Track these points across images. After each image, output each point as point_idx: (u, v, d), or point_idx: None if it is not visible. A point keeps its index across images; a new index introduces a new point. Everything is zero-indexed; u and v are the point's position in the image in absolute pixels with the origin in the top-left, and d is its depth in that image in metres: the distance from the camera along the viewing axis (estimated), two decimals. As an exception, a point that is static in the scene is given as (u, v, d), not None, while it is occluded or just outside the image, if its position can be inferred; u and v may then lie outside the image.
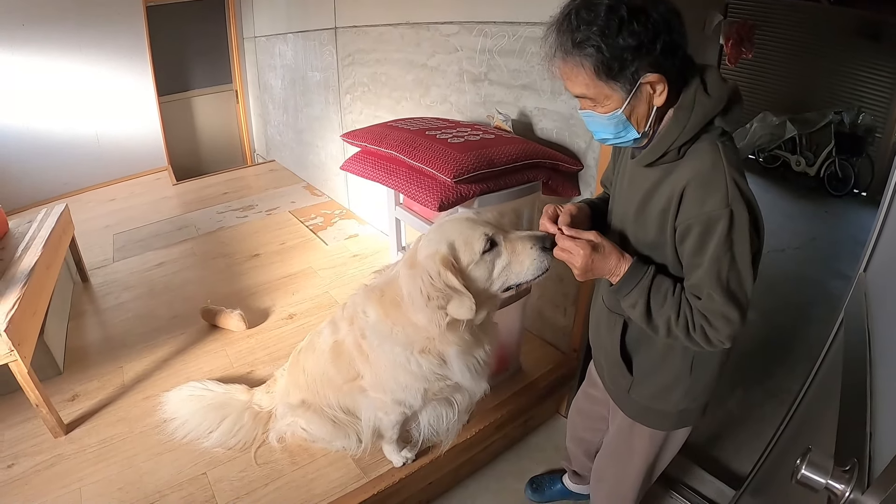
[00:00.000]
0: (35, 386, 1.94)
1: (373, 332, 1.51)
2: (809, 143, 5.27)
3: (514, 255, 1.31)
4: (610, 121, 1.08)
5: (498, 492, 2.08)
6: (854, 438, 0.88)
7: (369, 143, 1.96)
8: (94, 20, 4.78)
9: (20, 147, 4.69)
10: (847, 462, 0.81)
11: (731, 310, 1.04)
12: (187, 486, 1.83)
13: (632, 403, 1.39)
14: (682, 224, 1.06)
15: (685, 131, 1.04)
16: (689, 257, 1.08)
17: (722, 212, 1.00)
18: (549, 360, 2.35)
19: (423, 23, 2.65)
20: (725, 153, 1.04)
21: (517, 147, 1.82)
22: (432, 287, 1.30)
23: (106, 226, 4.13)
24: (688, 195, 1.04)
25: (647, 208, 1.14)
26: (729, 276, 1.04)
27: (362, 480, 1.82)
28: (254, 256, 3.46)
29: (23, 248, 2.48)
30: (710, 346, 1.10)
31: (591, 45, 0.98)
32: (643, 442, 1.45)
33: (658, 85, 1.02)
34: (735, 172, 1.03)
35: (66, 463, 1.95)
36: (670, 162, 1.09)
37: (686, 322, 1.09)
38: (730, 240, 1.02)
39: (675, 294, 1.11)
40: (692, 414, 1.35)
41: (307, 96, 4.31)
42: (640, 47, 0.97)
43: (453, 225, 1.36)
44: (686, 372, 1.27)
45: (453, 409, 1.72)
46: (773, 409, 2.39)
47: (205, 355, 2.50)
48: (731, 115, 1.06)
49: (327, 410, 1.81)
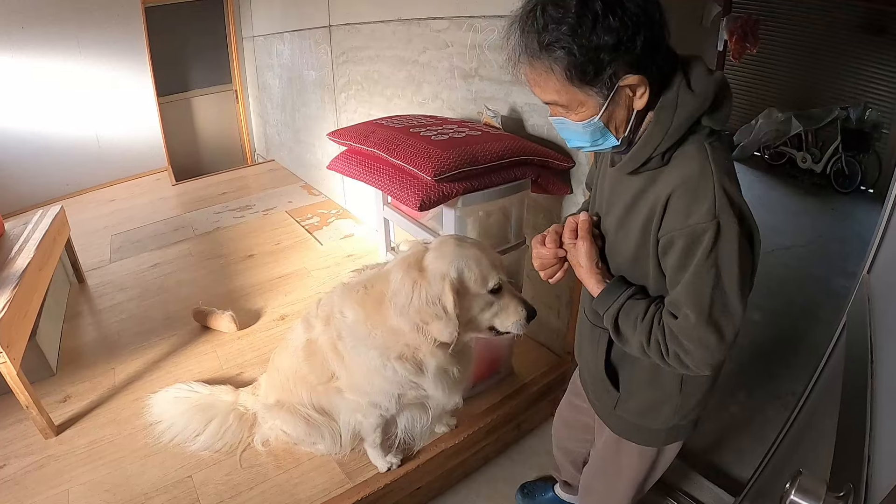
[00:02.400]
0: (25, 388, 1.94)
1: (350, 333, 1.50)
2: (815, 140, 5.19)
3: (506, 308, 1.41)
4: (585, 129, 0.97)
5: (489, 497, 2.03)
6: (850, 461, 0.83)
7: (354, 142, 1.93)
8: (93, 22, 4.80)
9: (21, 149, 4.71)
10: (842, 487, 0.76)
11: (709, 334, 0.94)
12: (172, 489, 1.82)
13: (618, 420, 1.30)
14: (664, 236, 0.96)
15: (669, 134, 0.93)
16: (671, 273, 0.98)
17: (708, 224, 0.90)
18: (543, 362, 2.31)
19: (413, 19, 2.62)
20: (714, 157, 0.93)
21: (503, 144, 1.78)
22: (427, 304, 1.34)
23: (104, 227, 4.15)
24: (672, 205, 0.94)
25: (629, 220, 1.03)
26: (713, 296, 0.93)
27: (347, 486, 1.79)
28: (248, 257, 3.45)
29: (16, 249, 2.49)
30: (689, 371, 1.00)
31: (562, 48, 0.86)
32: (631, 459, 1.36)
33: (639, 87, 0.91)
34: (725, 179, 0.92)
35: (56, 464, 1.95)
36: (655, 168, 0.98)
37: (658, 347, 1.00)
38: (715, 255, 0.91)
39: (645, 319, 1.01)
40: (683, 430, 1.27)
41: (304, 95, 4.30)
42: (619, 46, 0.85)
43: (473, 252, 1.39)
44: (675, 389, 1.18)
45: (427, 414, 1.70)
46: (776, 412, 2.33)
47: (195, 357, 2.49)
48: (721, 113, 0.95)
49: (300, 409, 1.79)
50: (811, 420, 1.47)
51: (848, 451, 0.87)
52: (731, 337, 0.96)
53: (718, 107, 0.94)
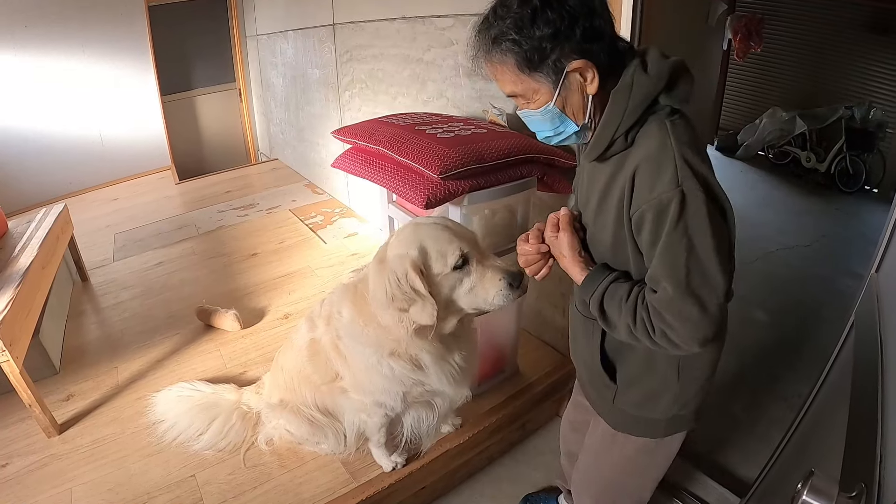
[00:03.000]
0: (28, 386, 1.94)
1: (346, 332, 1.50)
2: (819, 139, 5.16)
3: (481, 280, 1.32)
4: (545, 116, 1.03)
5: (493, 497, 2.02)
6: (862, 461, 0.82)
7: (359, 140, 1.92)
8: (96, 20, 4.82)
9: (24, 147, 4.73)
10: (853, 487, 0.75)
11: (690, 306, 0.93)
12: (175, 488, 1.82)
13: (618, 414, 1.29)
14: (635, 213, 0.98)
15: (627, 114, 0.97)
16: (646, 249, 0.99)
17: (672, 192, 0.91)
18: (548, 361, 2.30)
19: (418, 17, 2.61)
20: (674, 131, 0.96)
21: (509, 142, 1.77)
22: (397, 288, 1.30)
23: (108, 225, 4.17)
24: (638, 181, 0.97)
25: (604, 207, 1.06)
26: (688, 265, 0.93)
27: (351, 485, 1.78)
28: (252, 255, 3.45)
29: (19, 248, 2.50)
30: (679, 350, 0.99)
31: (508, 39, 0.95)
32: (626, 452, 1.34)
33: (587, 72, 0.97)
34: (686, 149, 0.94)
35: (59, 463, 1.95)
36: (620, 151, 1.02)
37: (645, 326, 1.00)
38: (684, 223, 0.92)
39: (629, 300, 1.02)
40: (684, 420, 1.25)
41: (308, 94, 4.30)
42: (557, 35, 0.93)
43: (429, 231, 1.34)
44: (673, 377, 1.17)
45: (433, 412, 1.69)
46: (782, 413, 2.31)
47: (199, 356, 2.49)
48: (678, 91, 0.99)
49: (304, 409, 1.79)
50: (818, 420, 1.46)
51: (859, 451, 0.85)
52: (714, 309, 0.95)
53: (674, 85, 0.98)
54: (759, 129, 5.49)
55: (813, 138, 5.17)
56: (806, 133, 5.17)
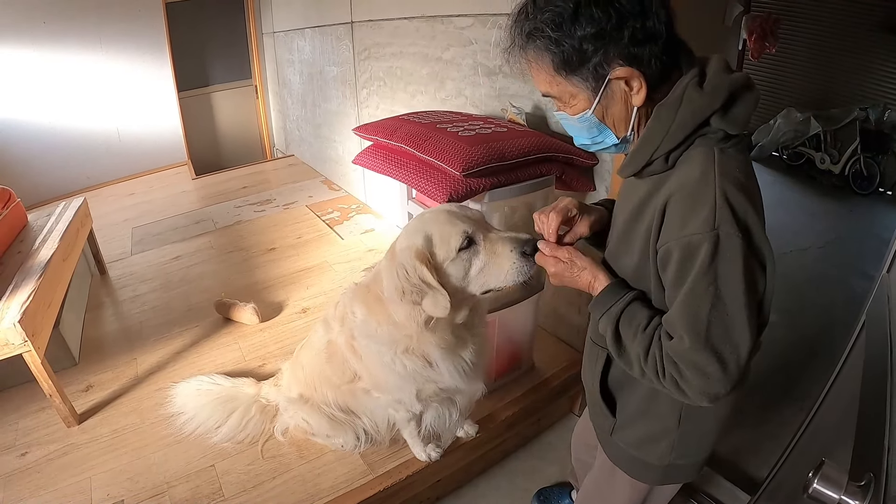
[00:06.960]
0: (49, 376, 1.97)
1: (360, 332, 1.49)
2: (834, 141, 5.13)
3: (492, 256, 1.22)
4: (582, 123, 0.94)
5: (508, 491, 2.05)
6: (871, 452, 0.83)
7: (381, 137, 1.94)
8: (114, 17, 4.86)
9: (42, 142, 4.79)
10: (862, 477, 0.77)
11: (708, 361, 0.83)
12: (195, 477, 1.84)
13: (614, 448, 1.21)
14: (661, 248, 0.87)
15: (670, 134, 0.86)
16: (669, 289, 0.89)
17: (705, 235, 0.81)
18: (563, 358, 2.31)
19: (437, 16, 2.63)
20: (721, 161, 0.84)
21: (529, 140, 1.79)
22: (407, 281, 1.24)
23: (125, 219, 4.21)
24: (669, 212, 0.86)
25: (633, 230, 0.96)
26: (711, 318, 0.82)
27: (369, 476, 1.80)
28: (270, 250, 3.47)
29: (40, 240, 2.53)
30: (686, 399, 0.89)
31: (544, 36, 0.86)
32: (623, 488, 1.27)
33: (633, 81, 0.86)
34: (730, 186, 0.82)
35: (78, 452, 1.98)
36: (659, 172, 0.90)
37: (655, 365, 0.90)
38: (714, 271, 0.81)
39: (647, 329, 0.91)
40: (681, 472, 1.16)
41: (325, 91, 4.32)
42: (602, 35, 0.83)
43: (433, 217, 1.28)
44: (673, 423, 1.07)
45: (455, 409, 1.70)
46: (793, 413, 2.31)
47: (218, 348, 2.52)
48: (735, 113, 0.86)
49: (324, 408, 1.80)
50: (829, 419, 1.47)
51: (868, 442, 0.87)
52: (733, 367, 0.84)
53: (731, 106, 0.86)
54: (773, 129, 5.47)
55: (827, 139, 5.14)
56: (820, 134, 5.14)
